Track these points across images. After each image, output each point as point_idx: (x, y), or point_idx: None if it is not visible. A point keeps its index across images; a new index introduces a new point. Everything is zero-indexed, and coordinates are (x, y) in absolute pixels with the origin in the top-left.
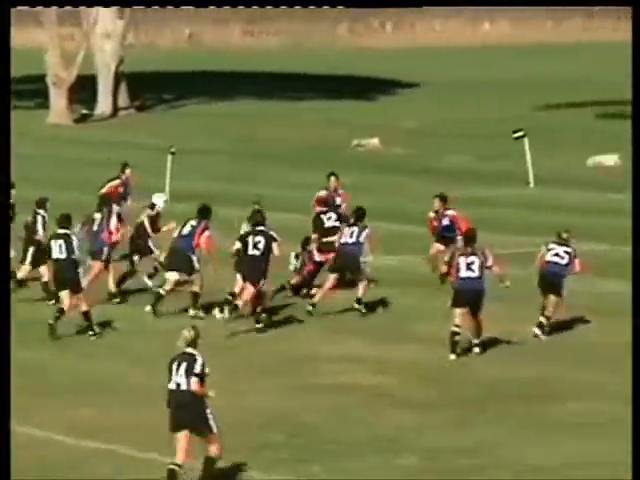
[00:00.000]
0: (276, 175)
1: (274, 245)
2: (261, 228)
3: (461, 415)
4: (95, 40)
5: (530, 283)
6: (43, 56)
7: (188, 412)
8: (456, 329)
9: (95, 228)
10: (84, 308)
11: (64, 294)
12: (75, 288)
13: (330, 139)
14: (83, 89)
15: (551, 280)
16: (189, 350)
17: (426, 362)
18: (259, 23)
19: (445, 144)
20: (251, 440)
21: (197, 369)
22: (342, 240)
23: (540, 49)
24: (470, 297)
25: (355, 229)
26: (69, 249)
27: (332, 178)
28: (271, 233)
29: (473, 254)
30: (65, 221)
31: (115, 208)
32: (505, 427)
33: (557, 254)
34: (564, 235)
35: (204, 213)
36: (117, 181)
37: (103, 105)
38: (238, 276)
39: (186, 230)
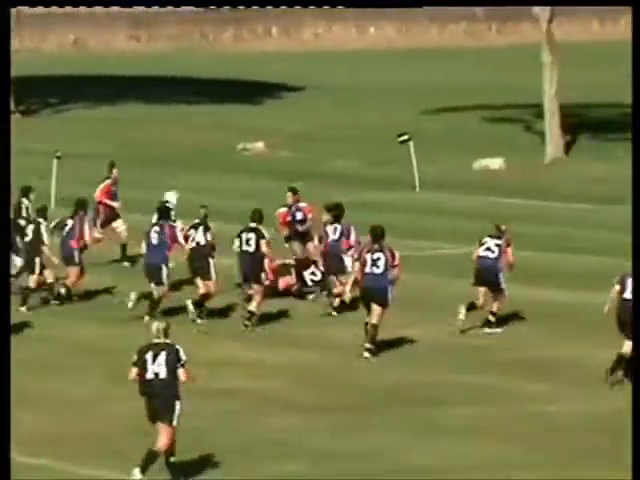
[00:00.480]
0: (162, 179)
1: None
2: (253, 225)
3: (349, 419)
4: None
5: (416, 288)
6: None
7: (161, 401)
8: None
9: (64, 234)
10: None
11: None
12: None
13: (217, 143)
14: None
15: (484, 275)
16: (164, 340)
17: (310, 366)
18: (145, 28)
19: (331, 148)
20: (135, 445)
21: (183, 359)
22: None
23: (425, 54)
24: (372, 294)
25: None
26: None
27: (289, 193)
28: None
29: (379, 251)
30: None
31: (88, 214)
32: (393, 431)
33: (488, 248)
34: (502, 227)
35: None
36: (108, 180)
37: None
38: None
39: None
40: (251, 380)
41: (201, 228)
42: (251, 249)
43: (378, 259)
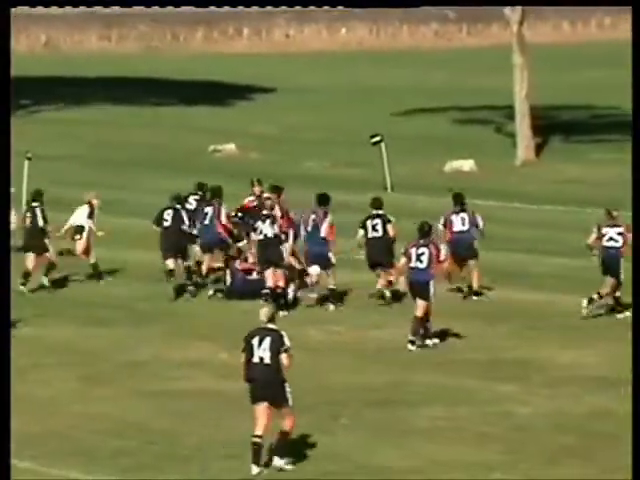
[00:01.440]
0: (132, 180)
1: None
2: (377, 212)
3: (319, 419)
4: None
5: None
6: None
7: (270, 385)
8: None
9: (206, 222)
10: None
11: None
12: None
13: (188, 144)
14: None
15: (610, 264)
16: (270, 325)
17: None
18: (116, 28)
19: (302, 150)
20: (106, 446)
21: (287, 344)
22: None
23: (397, 55)
24: (416, 288)
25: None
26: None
27: (255, 184)
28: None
29: (425, 246)
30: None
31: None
32: (363, 431)
33: (611, 238)
34: (614, 213)
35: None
36: None
37: None
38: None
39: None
40: (220, 380)
41: (268, 220)
42: (379, 234)
43: (422, 254)
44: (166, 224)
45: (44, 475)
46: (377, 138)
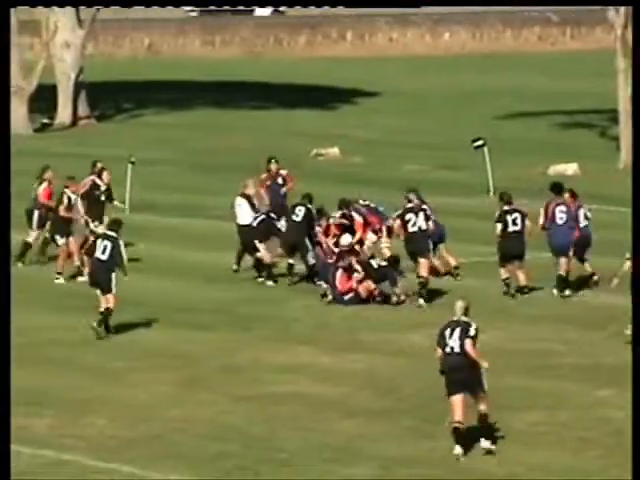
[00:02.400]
0: (236, 186)
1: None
2: (512, 207)
3: (416, 425)
4: (55, 50)
5: (485, 293)
6: None
7: (463, 374)
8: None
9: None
10: None
11: None
12: None
13: (290, 148)
14: (43, 99)
15: None
16: (464, 318)
17: (379, 372)
18: (219, 33)
19: (405, 153)
20: (205, 450)
21: (471, 332)
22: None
23: (499, 59)
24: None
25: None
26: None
27: (272, 161)
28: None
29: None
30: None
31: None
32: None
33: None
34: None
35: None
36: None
37: (63, 114)
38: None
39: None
40: (320, 384)
41: (422, 214)
42: (518, 227)
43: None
44: (296, 219)
45: (144, 478)
46: (480, 142)
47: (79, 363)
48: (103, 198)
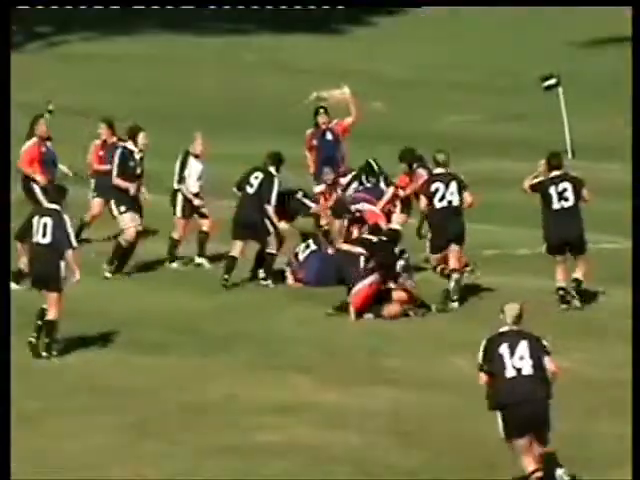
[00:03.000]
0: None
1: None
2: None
3: None
4: None
5: None
6: None
7: (534, 406)
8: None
9: None
10: None
11: None
12: None
13: (278, 89)
14: None
15: None
16: (517, 327)
17: (403, 413)
18: None
19: (445, 98)
20: None
21: (548, 346)
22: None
23: None
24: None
25: None
26: None
27: (321, 111)
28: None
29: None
30: None
31: None
32: None
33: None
34: None
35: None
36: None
37: None
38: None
39: None
40: (324, 432)
41: (454, 184)
42: (570, 203)
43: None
44: (250, 190)
45: None
46: (552, 81)
47: None
48: (139, 171)
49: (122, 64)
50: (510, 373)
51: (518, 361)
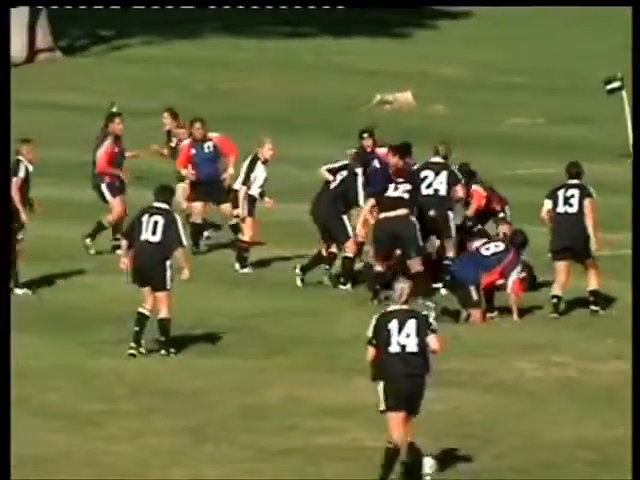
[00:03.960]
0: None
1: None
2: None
3: None
4: None
5: None
6: None
7: (412, 383)
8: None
9: None
10: None
11: None
12: None
13: (340, 92)
14: None
15: None
16: (407, 306)
17: (466, 415)
18: None
19: (506, 100)
20: None
21: (434, 325)
22: None
23: None
24: None
25: None
26: None
27: (365, 135)
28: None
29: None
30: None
31: None
32: None
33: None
34: None
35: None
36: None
37: (15, 46)
38: None
39: None
40: (382, 434)
41: (445, 173)
42: (573, 209)
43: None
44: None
45: None
46: (616, 84)
47: (39, 404)
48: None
49: (184, 68)
50: (394, 349)
51: (404, 338)
